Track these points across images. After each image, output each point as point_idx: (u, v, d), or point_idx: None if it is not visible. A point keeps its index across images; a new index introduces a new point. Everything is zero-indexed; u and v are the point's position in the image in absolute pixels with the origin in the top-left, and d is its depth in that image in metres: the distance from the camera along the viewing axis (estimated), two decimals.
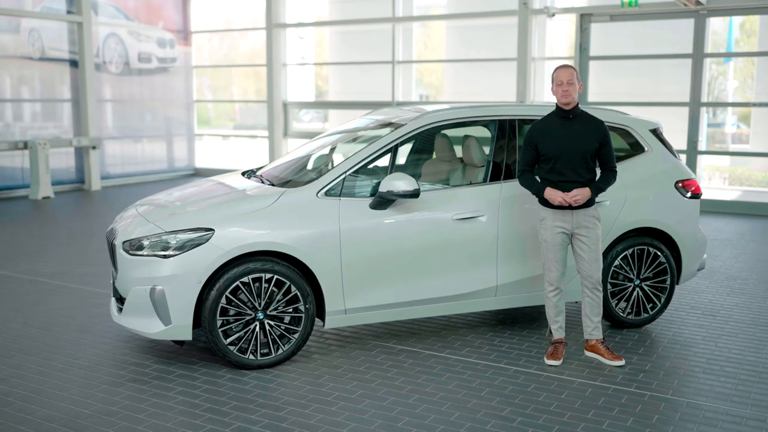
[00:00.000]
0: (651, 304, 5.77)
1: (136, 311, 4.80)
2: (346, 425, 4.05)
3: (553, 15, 12.44)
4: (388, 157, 5.26)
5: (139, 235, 4.85)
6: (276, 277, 4.79)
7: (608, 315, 5.69)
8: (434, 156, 6.10)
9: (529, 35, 12.74)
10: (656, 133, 5.98)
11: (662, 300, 5.79)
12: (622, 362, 4.99)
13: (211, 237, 4.71)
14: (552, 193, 4.84)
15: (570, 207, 4.87)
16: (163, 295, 4.66)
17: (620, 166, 5.66)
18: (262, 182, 5.45)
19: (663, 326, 5.85)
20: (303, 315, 4.89)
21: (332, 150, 6.00)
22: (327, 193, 5.01)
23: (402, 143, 5.29)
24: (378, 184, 5.06)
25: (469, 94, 14.55)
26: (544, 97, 13.21)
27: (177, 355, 5.10)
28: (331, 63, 17.11)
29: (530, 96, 12.99)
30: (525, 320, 5.96)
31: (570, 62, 12.67)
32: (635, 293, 5.70)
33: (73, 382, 4.65)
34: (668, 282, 5.77)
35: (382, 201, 4.98)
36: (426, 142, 6.19)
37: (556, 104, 4.97)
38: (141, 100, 16.16)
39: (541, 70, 13.19)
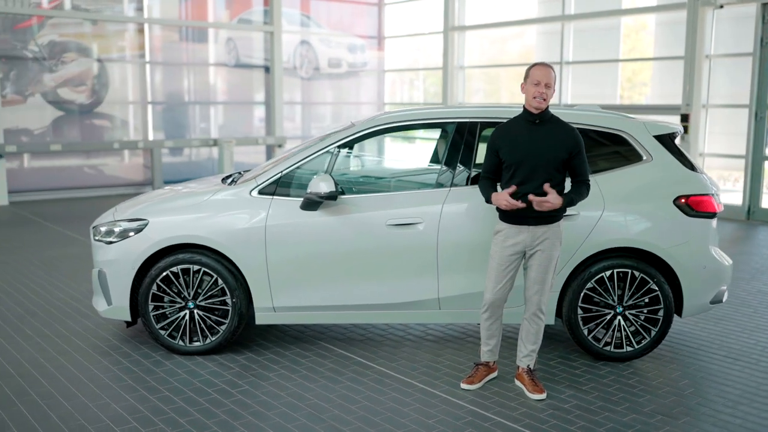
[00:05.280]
0: (639, 337, 5.01)
1: (94, 290, 5.35)
2: (189, 415, 4.16)
3: (722, 6, 10.94)
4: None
5: (101, 222, 5.39)
6: (203, 269, 5.02)
7: (581, 345, 5.05)
8: None
9: (699, 30, 11.34)
10: (665, 139, 5.15)
11: (653, 333, 4.99)
12: (541, 396, 4.44)
13: (144, 227, 5.09)
14: (497, 197, 4.33)
15: (527, 221, 4.38)
16: (105, 277, 5.15)
17: (604, 176, 5.05)
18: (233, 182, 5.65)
19: (656, 363, 5.04)
20: (230, 308, 5.06)
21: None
22: (260, 192, 5.11)
23: (347, 145, 5.20)
24: None
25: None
26: (714, 99, 11.68)
27: (140, 335, 5.55)
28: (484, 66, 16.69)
29: (701, 98, 11.55)
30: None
31: (749, 59, 11.05)
32: (616, 323, 4.98)
33: (37, 347, 5.31)
34: (662, 313, 4.96)
35: (309, 202, 4.96)
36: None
37: (524, 106, 4.48)
38: (330, 102, 17.22)
39: (716, 68, 11.67)
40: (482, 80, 16.68)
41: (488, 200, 4.47)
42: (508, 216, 4.42)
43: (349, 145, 5.23)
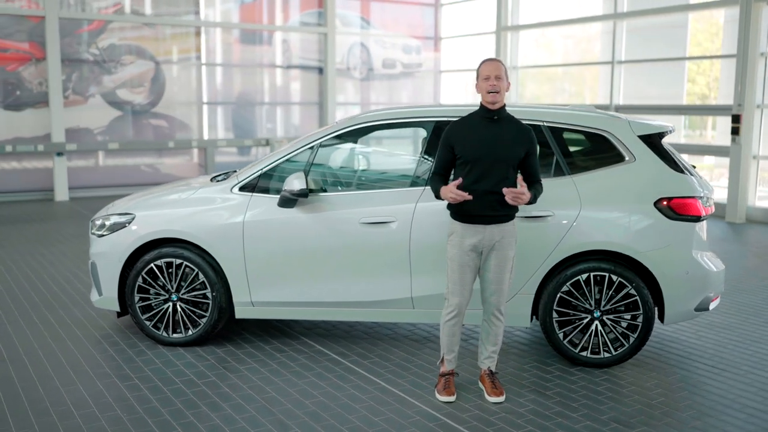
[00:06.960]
0: (617, 344, 4.86)
1: (91, 281, 5.60)
2: (149, 402, 4.31)
3: None
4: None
5: (97, 216, 5.64)
6: (186, 263, 5.19)
7: (557, 349, 4.94)
8: None
9: (752, 26, 10.81)
10: (652, 139, 4.97)
11: (631, 340, 4.83)
12: (499, 399, 4.38)
13: (131, 222, 5.29)
14: (444, 190, 4.24)
15: (481, 220, 4.29)
16: (96, 268, 5.38)
17: (583, 177, 4.95)
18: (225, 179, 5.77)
19: (635, 370, 4.88)
20: (210, 302, 5.20)
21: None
22: (241, 189, 5.23)
23: (327, 143, 5.26)
24: None
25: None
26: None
27: (134, 325, 5.76)
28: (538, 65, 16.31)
29: (755, 98, 11.02)
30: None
31: None
32: (593, 327, 4.85)
33: (37, 333, 5.60)
34: (641, 319, 4.80)
35: (286, 199, 5.04)
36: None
37: (480, 103, 4.45)
38: (382, 102, 17.32)
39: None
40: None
41: (437, 195, 4.39)
42: (460, 216, 4.35)
43: (329, 143, 5.29)
